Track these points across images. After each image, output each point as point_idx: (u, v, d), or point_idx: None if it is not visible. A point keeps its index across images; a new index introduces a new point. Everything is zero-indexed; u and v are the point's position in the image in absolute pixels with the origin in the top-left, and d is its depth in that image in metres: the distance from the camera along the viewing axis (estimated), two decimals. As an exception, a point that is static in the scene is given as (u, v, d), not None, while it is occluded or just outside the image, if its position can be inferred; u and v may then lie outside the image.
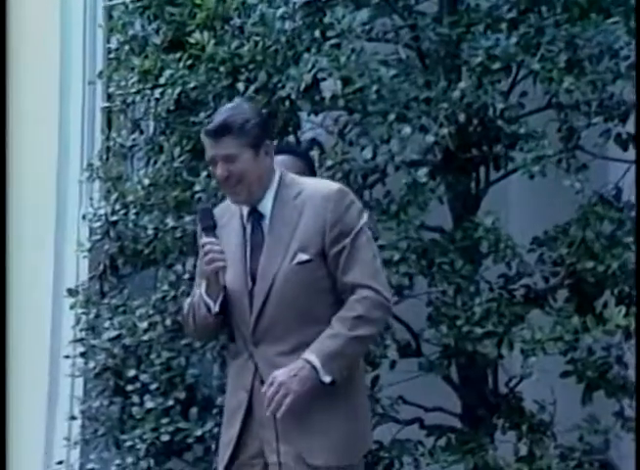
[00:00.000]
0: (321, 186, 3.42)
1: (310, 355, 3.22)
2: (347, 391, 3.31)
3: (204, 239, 3.33)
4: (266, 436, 3.28)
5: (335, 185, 3.43)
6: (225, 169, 3.31)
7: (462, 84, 4.60)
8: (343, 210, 3.33)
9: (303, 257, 3.29)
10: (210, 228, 3.35)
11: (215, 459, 4.80)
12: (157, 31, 5.24)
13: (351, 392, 3.33)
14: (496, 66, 4.57)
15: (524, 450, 4.65)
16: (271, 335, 3.29)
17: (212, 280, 3.32)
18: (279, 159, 3.74)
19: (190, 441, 4.94)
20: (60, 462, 5.74)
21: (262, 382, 3.26)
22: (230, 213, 3.44)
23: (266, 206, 3.37)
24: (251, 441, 3.31)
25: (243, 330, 3.32)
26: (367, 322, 3.28)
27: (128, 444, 5.01)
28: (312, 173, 4.14)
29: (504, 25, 4.66)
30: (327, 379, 3.23)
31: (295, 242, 3.30)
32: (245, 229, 3.38)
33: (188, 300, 3.47)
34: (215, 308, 3.32)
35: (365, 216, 3.40)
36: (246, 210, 3.40)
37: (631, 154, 4.80)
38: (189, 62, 5.02)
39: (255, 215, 3.38)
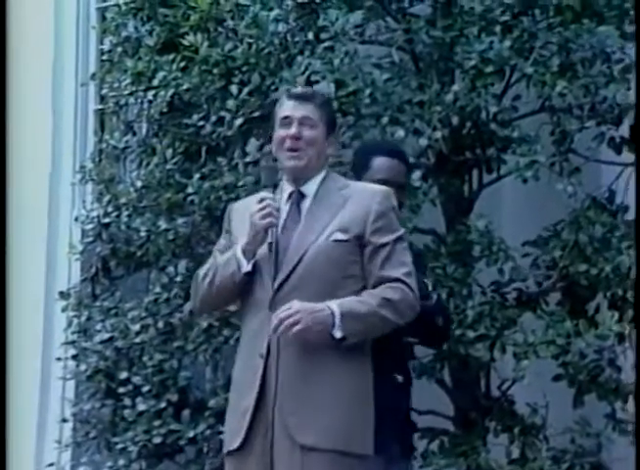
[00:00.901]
0: (369, 185, 3.56)
1: (333, 304, 3.25)
2: (353, 372, 3.31)
3: (262, 193, 3.37)
4: (274, 413, 3.26)
5: (385, 187, 3.53)
6: (299, 130, 3.40)
7: (455, 87, 4.61)
8: (390, 207, 3.42)
9: (341, 236, 3.34)
10: (272, 186, 3.40)
11: (208, 460, 4.83)
12: (150, 33, 5.23)
13: (357, 375, 3.33)
14: (490, 69, 4.57)
15: (516, 453, 4.66)
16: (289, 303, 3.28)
17: (257, 237, 3.32)
18: (385, 162, 3.72)
19: (182, 443, 4.93)
20: (51, 464, 5.72)
21: (271, 349, 3.26)
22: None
23: (311, 188, 3.43)
24: (267, 409, 3.28)
25: (263, 297, 3.33)
26: (395, 309, 3.31)
27: (120, 446, 5.00)
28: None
29: (498, 29, 4.66)
30: (338, 334, 3.24)
31: (334, 223, 3.36)
32: (279, 210, 3.40)
33: (205, 266, 3.45)
34: (248, 267, 3.33)
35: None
36: (287, 191, 3.44)
37: (624, 157, 4.81)
38: (182, 64, 5.02)
39: (297, 196, 3.43)
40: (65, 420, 5.55)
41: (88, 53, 6.38)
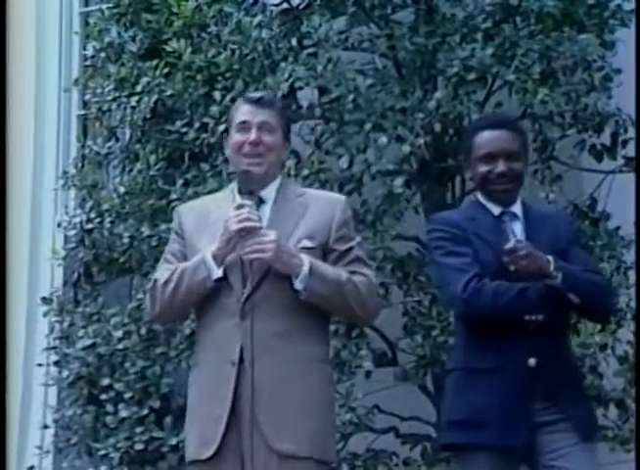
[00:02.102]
0: (326, 193, 3.60)
1: (306, 258, 3.27)
2: (322, 381, 3.33)
3: (241, 200, 3.33)
4: (245, 425, 3.25)
5: (341, 196, 3.56)
6: (259, 136, 3.39)
7: (438, 94, 4.63)
8: (350, 216, 3.45)
9: (309, 243, 3.35)
10: (248, 193, 3.37)
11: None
12: (133, 39, 5.22)
13: (325, 384, 3.35)
14: (472, 76, 4.59)
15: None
16: (262, 311, 3.28)
17: (230, 243, 3.29)
18: (486, 136, 3.47)
19: (164, 450, 4.92)
20: (31, 467, 5.70)
21: (243, 357, 3.25)
22: (214, 204, 3.46)
23: (269, 193, 3.42)
24: (242, 418, 3.25)
25: (230, 304, 3.30)
26: (357, 295, 3.32)
27: (102, 452, 4.99)
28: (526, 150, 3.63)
29: (479, 36, 4.68)
30: (299, 285, 3.25)
31: (299, 230, 3.35)
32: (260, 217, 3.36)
33: (164, 273, 3.38)
34: (219, 273, 3.30)
35: None
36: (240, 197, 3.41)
37: (605, 164, 4.83)
38: (165, 70, 5.02)
39: (255, 199, 3.39)
40: (46, 426, 5.54)
41: (71, 58, 6.37)
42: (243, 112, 3.44)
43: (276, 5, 5.04)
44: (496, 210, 3.49)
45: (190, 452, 3.35)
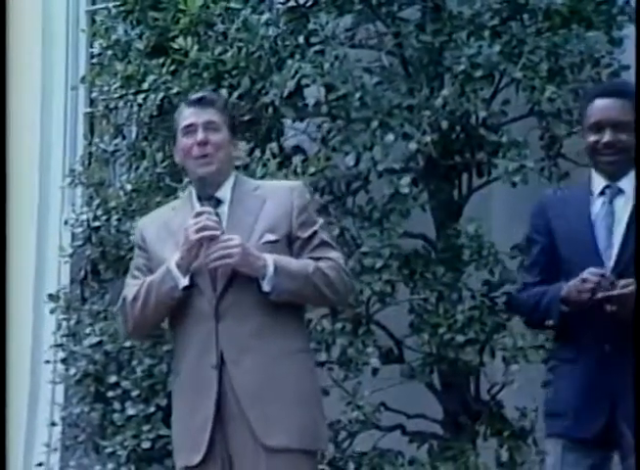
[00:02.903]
0: (280, 182, 3.62)
1: (270, 258, 3.28)
2: (306, 371, 3.36)
3: (200, 208, 3.32)
4: (233, 427, 3.26)
5: (297, 181, 3.61)
6: (205, 136, 3.37)
7: (445, 92, 4.62)
8: (308, 200, 3.45)
9: (271, 236, 3.35)
10: (207, 198, 3.37)
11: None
12: (140, 36, 5.22)
13: (309, 373, 3.37)
14: (479, 73, 4.58)
15: (505, 457, 4.66)
16: (235, 312, 3.29)
17: (191, 251, 3.28)
18: (597, 105, 3.33)
19: (171, 448, 4.91)
20: (40, 464, 5.71)
21: (224, 360, 3.25)
22: (172, 212, 3.47)
23: (225, 193, 3.42)
24: (227, 419, 3.26)
25: (204, 308, 3.30)
26: (328, 283, 3.34)
27: (109, 450, 4.99)
28: None
29: (487, 33, 4.67)
30: (267, 287, 3.26)
31: (259, 224, 3.35)
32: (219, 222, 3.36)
33: (131, 288, 3.39)
34: (185, 281, 3.29)
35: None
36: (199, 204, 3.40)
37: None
38: (172, 67, 5.01)
39: (212, 202, 3.40)
40: (54, 424, 5.54)
41: (78, 56, 6.37)
42: (186, 115, 3.44)
43: (283, 3, 5.03)
44: (601, 183, 3.36)
45: (180, 460, 3.36)
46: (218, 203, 3.40)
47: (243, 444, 3.23)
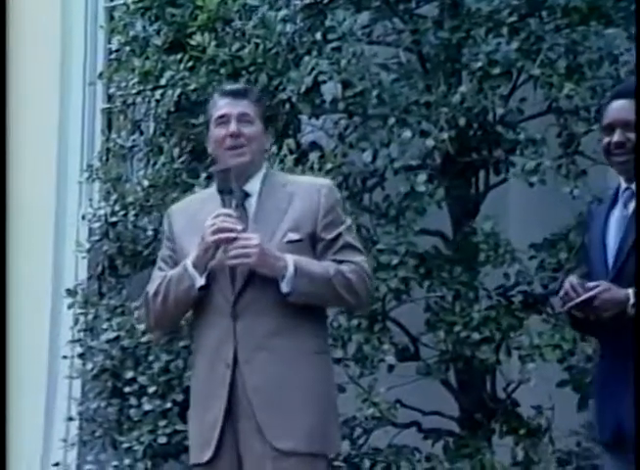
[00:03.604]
0: (311, 179, 3.55)
1: (290, 259, 3.23)
2: (322, 375, 3.32)
3: (220, 210, 3.28)
4: (242, 425, 3.23)
5: (327, 180, 3.50)
6: (238, 128, 3.35)
7: (462, 89, 4.61)
8: (336, 201, 3.39)
9: (295, 236, 3.31)
10: (228, 192, 3.31)
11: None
12: (157, 33, 5.23)
13: (325, 377, 3.34)
14: (497, 71, 4.57)
15: (521, 455, 4.65)
16: (253, 311, 3.26)
17: (208, 252, 3.26)
18: (613, 106, 3.29)
19: (187, 443, 4.91)
20: (56, 464, 5.74)
21: (238, 358, 3.23)
22: (201, 203, 3.42)
23: (254, 187, 3.38)
24: (237, 418, 3.24)
25: (222, 305, 3.28)
26: (349, 287, 3.29)
27: (126, 445, 5.01)
28: None
29: (505, 30, 4.66)
30: (285, 288, 3.23)
31: (285, 223, 3.32)
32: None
33: (152, 284, 3.38)
34: (202, 281, 3.28)
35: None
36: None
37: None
38: (190, 63, 5.02)
39: (240, 194, 3.36)
40: (71, 419, 5.56)
41: (96, 52, 6.38)
42: (220, 105, 3.40)
43: (300, -1, 5.03)
44: (622, 186, 3.34)
45: (191, 456, 3.36)
46: (246, 196, 3.37)
47: (252, 444, 3.22)
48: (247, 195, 3.37)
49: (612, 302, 3.15)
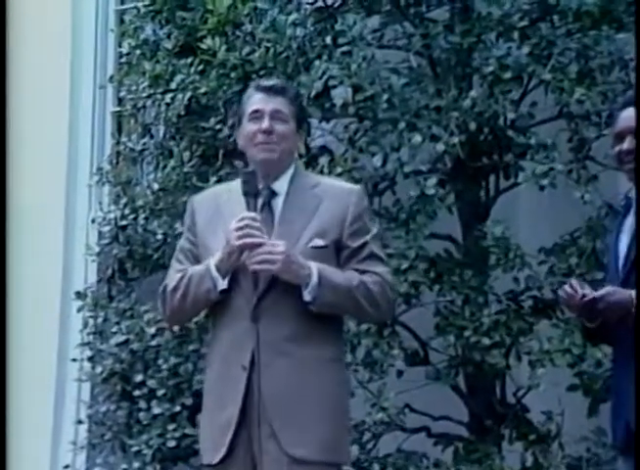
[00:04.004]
0: (341, 182, 3.49)
1: (315, 268, 3.21)
2: (336, 383, 3.30)
3: (243, 213, 3.24)
4: (256, 429, 3.22)
5: (357, 185, 3.47)
6: (271, 124, 3.30)
7: (473, 93, 4.60)
8: (364, 208, 3.36)
9: (320, 242, 3.27)
10: (253, 194, 3.26)
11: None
12: (168, 36, 5.23)
13: (339, 385, 3.32)
14: (507, 75, 4.56)
15: (530, 461, 4.64)
16: (272, 315, 3.24)
17: (232, 256, 3.23)
18: (626, 112, 3.32)
19: (196, 447, 4.91)
20: (66, 466, 5.74)
21: (255, 362, 3.21)
22: (227, 194, 3.38)
23: (282, 186, 3.34)
24: (251, 422, 3.23)
25: (242, 306, 3.26)
26: (371, 299, 3.27)
27: (135, 449, 5.01)
28: None
29: (516, 35, 4.65)
30: (307, 297, 3.20)
31: (311, 227, 3.28)
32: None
33: (173, 277, 3.34)
34: (224, 285, 3.25)
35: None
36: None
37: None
38: (200, 67, 5.02)
39: (267, 193, 3.33)
40: (80, 422, 5.56)
41: (106, 55, 6.38)
42: (255, 100, 3.36)
43: (310, 3, 5.03)
44: (634, 192, 3.35)
45: (203, 457, 3.35)
46: (273, 194, 3.32)
47: (267, 447, 3.20)
48: (274, 193, 3.33)
49: (617, 304, 3.17)
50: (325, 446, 3.23)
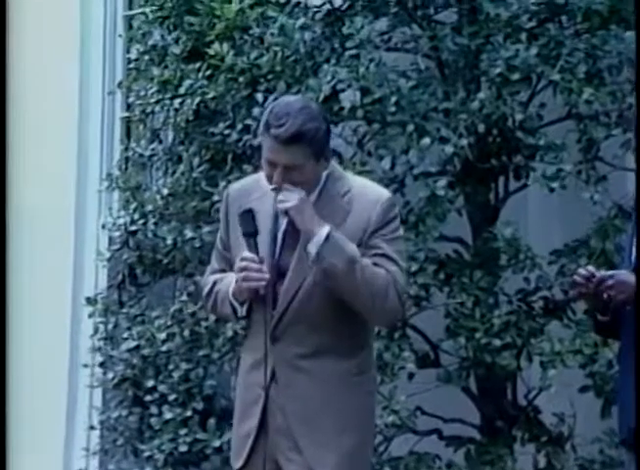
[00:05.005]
0: (371, 188, 3.33)
1: (326, 226, 3.14)
2: (360, 399, 3.27)
3: (244, 253, 3.20)
4: (279, 441, 3.24)
5: (386, 191, 3.35)
6: (283, 177, 3.18)
7: (481, 95, 4.60)
8: (390, 217, 3.26)
9: None
10: (251, 234, 3.21)
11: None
12: (176, 41, 5.24)
13: (364, 401, 3.29)
14: (516, 76, 4.56)
15: (543, 462, 4.63)
16: (292, 334, 3.23)
17: (243, 294, 3.23)
18: None
19: (208, 451, 4.93)
20: (79, 471, 5.76)
21: (275, 381, 3.21)
22: (261, 191, 3.28)
23: (312, 196, 3.24)
24: (267, 438, 3.24)
25: (262, 326, 3.24)
26: (371, 287, 3.17)
27: (147, 454, 5.02)
28: None
29: (524, 36, 4.64)
30: (313, 249, 3.12)
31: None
32: (277, 217, 3.23)
33: (208, 280, 3.35)
34: (242, 313, 3.26)
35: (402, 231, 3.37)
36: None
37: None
38: (208, 72, 5.03)
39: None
40: (92, 428, 5.57)
41: (115, 61, 6.39)
42: (268, 147, 3.20)
43: (318, 7, 5.03)
44: None
45: (232, 462, 3.39)
46: None
47: (288, 460, 3.22)
48: None
49: (627, 283, 3.22)
50: (350, 460, 3.22)
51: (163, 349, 5.05)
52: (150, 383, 5.08)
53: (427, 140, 4.53)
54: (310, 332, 3.23)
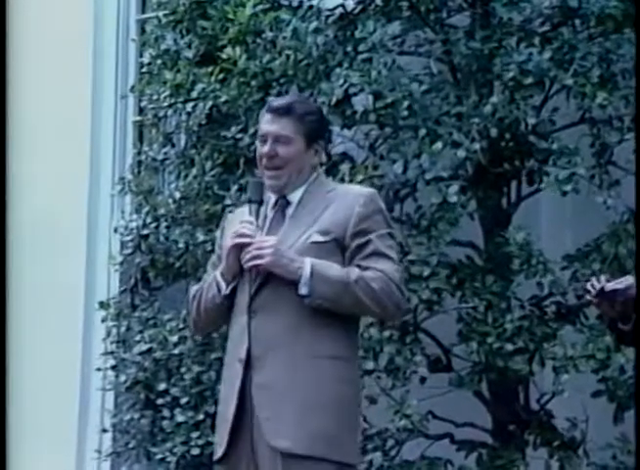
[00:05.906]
0: (355, 187, 3.54)
1: (308, 261, 3.23)
2: (341, 380, 3.27)
3: (245, 217, 3.31)
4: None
5: (370, 189, 3.47)
6: (273, 149, 3.32)
7: (494, 99, 4.59)
8: (373, 210, 3.33)
9: (319, 238, 3.29)
10: (255, 202, 3.33)
11: None
12: (189, 46, 5.25)
13: (345, 382, 3.28)
14: (529, 81, 4.56)
15: (555, 467, 4.62)
16: (269, 310, 3.26)
17: (229, 259, 3.29)
18: None
19: (220, 455, 4.93)
20: (91, 474, 5.77)
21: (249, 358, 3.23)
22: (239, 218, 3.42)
23: (296, 195, 3.38)
24: (247, 416, 3.23)
25: (242, 303, 3.30)
26: (372, 294, 3.24)
27: (159, 457, 5.03)
28: None
29: (537, 40, 4.64)
30: (303, 290, 3.21)
31: (315, 225, 3.31)
32: (266, 217, 3.36)
33: (195, 286, 3.45)
34: (226, 291, 3.31)
35: (393, 227, 3.42)
36: (273, 199, 3.39)
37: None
38: (221, 76, 5.04)
39: (282, 202, 3.38)
40: (104, 430, 5.58)
41: (128, 65, 6.41)
42: (262, 122, 3.38)
43: (331, 10, 5.03)
44: None
45: (214, 454, 3.36)
46: (288, 204, 3.35)
47: (260, 443, 3.21)
48: (288, 203, 3.38)
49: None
50: (313, 440, 3.19)
51: (176, 352, 5.06)
52: (162, 386, 5.09)
53: (439, 144, 4.52)
54: (286, 310, 3.26)
